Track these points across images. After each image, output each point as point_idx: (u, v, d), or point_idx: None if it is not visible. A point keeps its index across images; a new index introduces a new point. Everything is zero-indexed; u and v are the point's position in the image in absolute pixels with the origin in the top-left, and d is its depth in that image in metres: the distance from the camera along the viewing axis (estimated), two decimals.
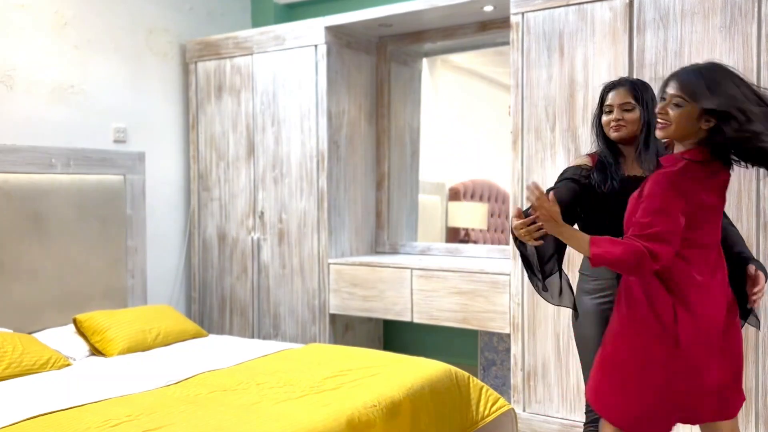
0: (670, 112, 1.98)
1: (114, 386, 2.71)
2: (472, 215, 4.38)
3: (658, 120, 2.02)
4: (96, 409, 2.42)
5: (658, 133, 2.04)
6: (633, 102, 2.26)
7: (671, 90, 1.99)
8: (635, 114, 2.26)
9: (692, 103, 1.95)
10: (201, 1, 4.72)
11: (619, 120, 2.26)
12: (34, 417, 2.34)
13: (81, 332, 3.45)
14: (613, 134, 2.28)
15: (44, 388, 2.73)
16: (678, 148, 2.06)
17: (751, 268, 2.10)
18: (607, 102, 2.30)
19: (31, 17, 3.75)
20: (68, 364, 3.13)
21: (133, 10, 4.28)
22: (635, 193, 2.07)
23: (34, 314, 3.56)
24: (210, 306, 4.58)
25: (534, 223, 1.99)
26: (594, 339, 2.29)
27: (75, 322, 3.49)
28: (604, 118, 2.31)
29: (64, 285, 3.70)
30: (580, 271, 2.38)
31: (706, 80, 1.95)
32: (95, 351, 3.36)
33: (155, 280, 4.39)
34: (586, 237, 1.99)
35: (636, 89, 2.28)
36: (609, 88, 2.32)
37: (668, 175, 1.99)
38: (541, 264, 2.27)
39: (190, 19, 4.64)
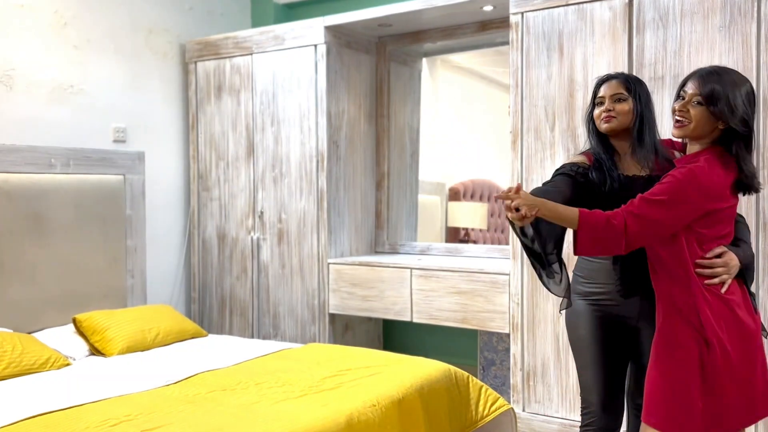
0: (691, 110, 1.96)
1: (113, 386, 2.71)
2: (471, 215, 4.38)
3: (677, 118, 2.00)
4: (95, 409, 2.42)
5: (675, 132, 2.02)
6: (625, 93, 2.20)
7: (692, 89, 1.97)
8: (627, 105, 2.19)
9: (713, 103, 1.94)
10: (201, 1, 4.72)
11: (609, 111, 2.20)
12: (34, 417, 2.35)
13: (80, 332, 3.46)
14: (603, 126, 2.21)
15: (44, 388, 2.73)
16: (691, 148, 2.05)
17: (719, 248, 2.01)
18: (599, 95, 2.25)
19: (31, 17, 3.76)
20: (68, 364, 3.14)
21: (133, 10, 4.28)
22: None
23: (34, 314, 3.56)
24: (209, 306, 4.58)
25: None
26: (587, 340, 2.29)
27: (75, 321, 3.49)
28: (595, 111, 2.25)
29: (64, 285, 3.70)
30: (575, 272, 2.36)
31: (725, 82, 1.94)
32: (95, 351, 3.37)
33: (155, 280, 4.39)
34: (575, 210, 1.95)
35: (628, 81, 2.23)
36: (601, 81, 2.28)
37: (694, 173, 1.94)
38: (545, 253, 2.21)
39: (190, 19, 4.65)
